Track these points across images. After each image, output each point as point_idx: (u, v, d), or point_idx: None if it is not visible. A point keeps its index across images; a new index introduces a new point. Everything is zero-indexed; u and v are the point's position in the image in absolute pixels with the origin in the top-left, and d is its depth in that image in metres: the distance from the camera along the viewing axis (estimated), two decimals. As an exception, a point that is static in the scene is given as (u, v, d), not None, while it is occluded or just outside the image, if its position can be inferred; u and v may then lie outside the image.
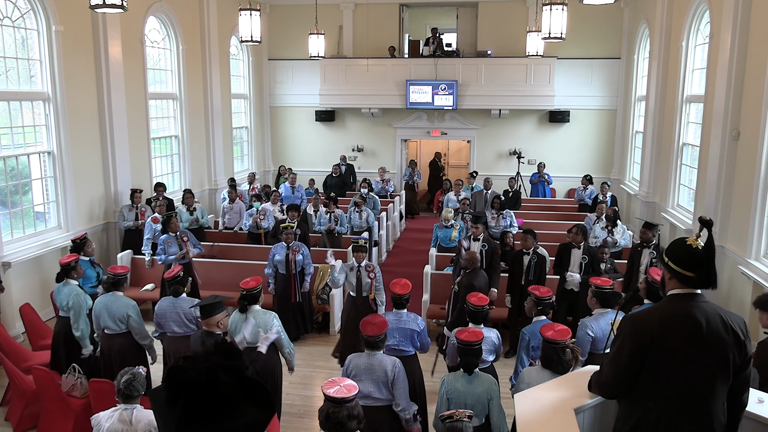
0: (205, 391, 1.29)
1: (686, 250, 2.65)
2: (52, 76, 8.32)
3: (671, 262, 2.68)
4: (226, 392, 1.30)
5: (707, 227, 2.69)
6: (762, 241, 7.22)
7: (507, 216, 9.53)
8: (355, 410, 3.27)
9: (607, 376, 2.78)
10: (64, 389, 5.11)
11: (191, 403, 1.29)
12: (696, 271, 2.62)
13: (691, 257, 2.62)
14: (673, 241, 2.82)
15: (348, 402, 3.28)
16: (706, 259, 2.62)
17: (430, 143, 18.36)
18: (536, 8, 10.82)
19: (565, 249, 7.11)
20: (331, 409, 3.25)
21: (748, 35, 7.72)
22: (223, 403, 1.29)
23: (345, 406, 3.25)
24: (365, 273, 6.46)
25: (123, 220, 9.05)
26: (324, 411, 3.28)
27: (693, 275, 2.62)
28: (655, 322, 2.63)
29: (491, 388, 4.13)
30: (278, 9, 15.35)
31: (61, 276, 5.78)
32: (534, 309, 4.96)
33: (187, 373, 1.31)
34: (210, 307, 4.49)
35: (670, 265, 2.68)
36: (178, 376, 1.31)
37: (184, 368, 1.32)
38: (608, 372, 2.77)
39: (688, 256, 2.63)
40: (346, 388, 3.35)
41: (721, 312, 2.65)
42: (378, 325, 4.37)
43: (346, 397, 3.29)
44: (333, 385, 3.38)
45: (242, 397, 1.31)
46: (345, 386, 3.37)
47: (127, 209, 9.09)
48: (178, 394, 1.30)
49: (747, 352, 2.63)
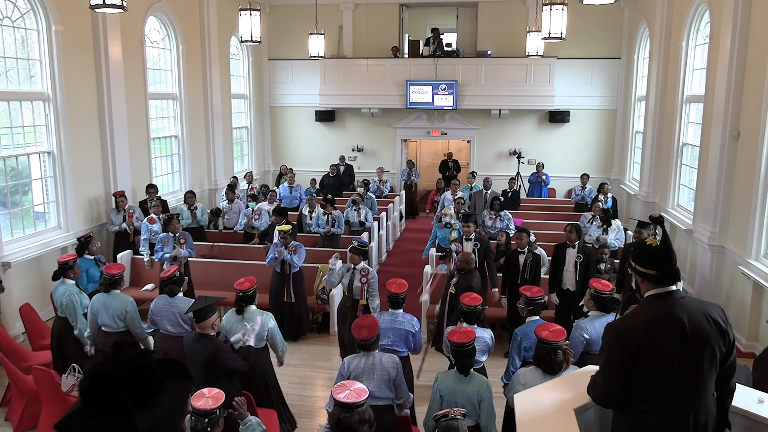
0: (126, 383, 1.35)
1: (645, 249, 2.76)
2: (52, 76, 8.32)
3: (636, 264, 2.78)
4: (147, 377, 1.37)
5: (659, 224, 2.77)
6: (762, 241, 7.22)
7: (504, 217, 9.53)
8: (366, 414, 3.25)
9: (601, 388, 2.80)
10: (64, 389, 5.11)
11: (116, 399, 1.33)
12: (656, 268, 2.70)
13: (649, 255, 2.72)
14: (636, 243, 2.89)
15: (359, 407, 3.24)
16: (664, 255, 2.70)
17: (430, 143, 18.36)
18: (536, 8, 10.82)
19: (560, 248, 7.13)
20: (342, 414, 3.21)
21: (748, 35, 7.72)
22: (146, 389, 1.36)
23: (356, 411, 3.22)
24: (358, 276, 6.41)
25: (111, 224, 8.93)
26: (335, 416, 3.24)
27: (654, 272, 2.70)
28: (640, 327, 2.66)
29: (482, 389, 4.09)
30: (278, 9, 15.35)
31: (57, 275, 5.79)
32: (525, 309, 4.96)
33: (102, 374, 1.36)
34: (203, 311, 4.52)
35: (636, 267, 2.78)
36: (94, 381, 1.35)
37: (98, 371, 1.37)
38: (601, 384, 2.79)
39: (647, 255, 2.73)
40: (356, 393, 3.31)
41: (700, 305, 2.71)
42: (369, 327, 4.33)
43: (357, 402, 3.25)
44: (343, 390, 3.33)
45: (162, 376, 1.40)
46: (355, 390, 3.33)
47: (114, 213, 8.97)
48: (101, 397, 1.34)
49: (730, 339, 2.70)
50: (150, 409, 1.35)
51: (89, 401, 1.36)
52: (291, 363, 6.78)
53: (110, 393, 1.34)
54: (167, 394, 1.39)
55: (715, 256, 8.05)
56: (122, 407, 1.33)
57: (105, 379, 1.35)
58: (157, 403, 1.36)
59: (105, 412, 1.33)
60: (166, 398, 1.39)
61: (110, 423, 1.32)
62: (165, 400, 1.38)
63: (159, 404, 1.37)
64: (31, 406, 5.39)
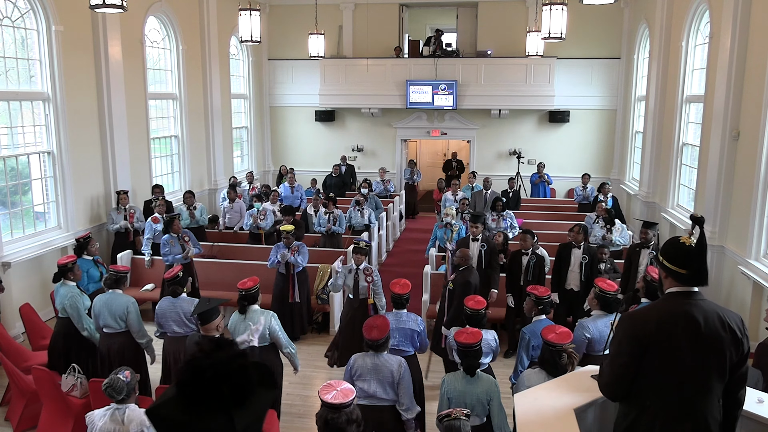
0: (226, 381, 1.33)
1: (679, 247, 2.71)
2: (52, 76, 8.32)
3: (665, 260, 2.73)
4: (244, 378, 1.36)
5: (699, 225, 2.74)
6: (762, 241, 7.23)
7: (507, 217, 9.53)
8: (353, 414, 3.24)
9: (608, 377, 2.78)
10: (64, 389, 5.11)
11: (217, 395, 1.32)
12: (688, 267, 2.66)
13: (683, 254, 2.68)
14: (668, 239, 2.85)
15: (346, 407, 3.24)
16: (697, 256, 2.67)
17: (430, 143, 18.36)
18: (536, 8, 10.82)
19: (565, 249, 7.11)
20: (330, 415, 3.20)
21: (748, 35, 7.72)
22: (243, 389, 1.35)
23: (344, 412, 3.21)
24: (362, 276, 6.41)
25: (112, 223, 8.87)
26: (322, 417, 3.23)
27: (685, 272, 2.66)
28: (653, 321, 2.65)
29: (491, 389, 4.11)
30: (278, 9, 15.35)
31: (57, 277, 5.78)
32: (534, 309, 4.96)
33: (204, 368, 1.34)
34: (208, 313, 4.52)
35: (664, 264, 2.73)
36: (196, 373, 1.34)
37: (200, 365, 1.35)
38: (608, 373, 2.78)
39: (681, 254, 2.69)
40: (342, 393, 3.29)
41: (719, 310, 2.68)
42: (380, 327, 4.35)
43: (345, 403, 3.24)
44: (330, 390, 3.31)
45: (256, 380, 1.39)
46: (342, 391, 3.31)
47: (115, 212, 8.91)
48: (201, 390, 1.33)
49: (744, 350, 2.67)
50: (244, 410, 1.35)
51: (187, 392, 1.34)
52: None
53: (210, 387, 1.32)
54: (257, 399, 1.39)
55: (715, 256, 8.05)
56: (222, 404, 1.32)
57: (206, 372, 1.33)
58: (249, 406, 1.36)
59: (203, 406, 1.32)
60: (257, 402, 1.38)
61: (206, 417, 1.31)
62: (256, 404, 1.38)
63: (250, 407, 1.36)
64: (31, 406, 5.39)
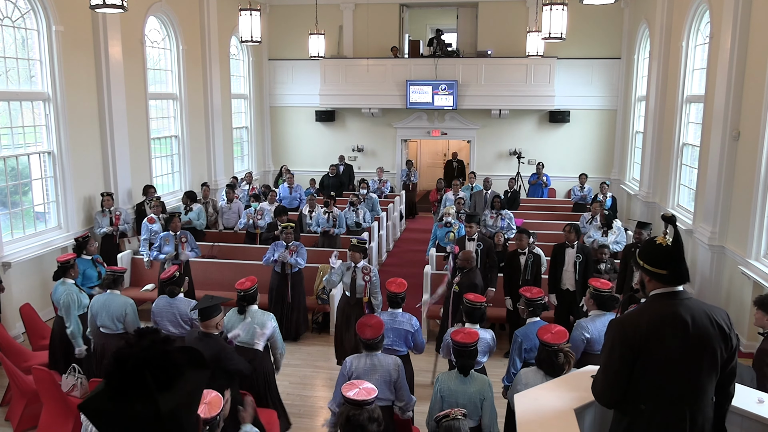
0: (148, 367, 1.38)
1: (656, 248, 2.71)
2: (52, 76, 8.32)
3: (645, 263, 2.73)
4: (168, 362, 1.41)
5: (671, 223, 2.74)
6: (762, 241, 7.22)
7: (505, 217, 9.53)
8: (375, 413, 3.29)
9: (601, 385, 2.78)
10: (64, 389, 5.11)
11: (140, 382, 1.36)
12: (667, 267, 2.66)
13: (661, 255, 2.68)
14: (644, 242, 2.84)
15: (368, 404, 3.31)
16: (675, 255, 2.67)
17: (430, 143, 18.36)
18: (536, 8, 10.82)
19: (559, 248, 7.13)
20: (352, 411, 3.26)
21: (748, 35, 7.72)
22: (168, 373, 1.40)
23: (365, 409, 3.27)
24: (360, 274, 6.40)
25: (98, 226, 8.66)
26: (344, 414, 3.29)
27: (665, 272, 2.67)
28: (643, 324, 2.65)
29: (484, 389, 4.09)
30: (278, 9, 15.35)
31: (58, 274, 5.79)
32: (525, 311, 4.96)
33: (126, 358, 1.39)
34: (209, 310, 4.52)
35: (644, 267, 2.73)
36: (119, 364, 1.39)
37: (122, 355, 1.40)
38: (602, 381, 2.78)
39: (659, 255, 2.69)
40: (365, 391, 3.38)
41: (705, 307, 2.69)
42: (374, 326, 4.37)
43: (367, 400, 3.31)
44: (352, 388, 3.40)
45: (183, 363, 1.44)
46: (364, 389, 3.40)
47: (100, 215, 8.67)
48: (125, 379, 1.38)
49: (732, 345, 2.68)
50: (170, 392, 1.39)
51: (112, 382, 1.39)
52: (291, 363, 6.79)
53: (133, 375, 1.37)
54: (186, 381, 1.44)
55: (715, 256, 8.05)
56: (145, 389, 1.36)
57: (129, 361, 1.38)
58: (177, 388, 1.41)
59: (128, 394, 1.37)
60: (185, 384, 1.43)
61: (133, 404, 1.36)
62: (184, 385, 1.43)
63: (178, 389, 1.41)
64: (31, 406, 5.39)
